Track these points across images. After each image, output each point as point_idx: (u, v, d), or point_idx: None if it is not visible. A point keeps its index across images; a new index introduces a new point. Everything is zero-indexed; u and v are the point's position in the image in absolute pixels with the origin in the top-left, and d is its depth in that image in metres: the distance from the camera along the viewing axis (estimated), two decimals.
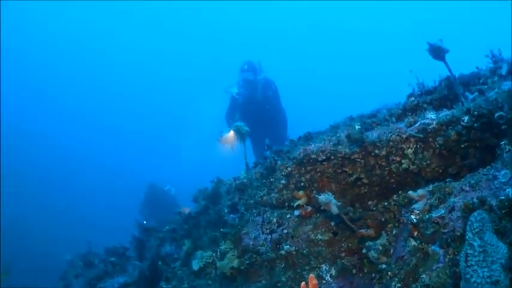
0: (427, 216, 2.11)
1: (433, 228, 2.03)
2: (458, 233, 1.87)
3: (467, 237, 1.74)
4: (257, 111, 7.64)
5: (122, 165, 32.52)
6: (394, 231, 2.56)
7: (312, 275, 1.88)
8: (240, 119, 7.32)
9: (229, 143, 7.02)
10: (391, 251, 2.54)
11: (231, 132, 7.02)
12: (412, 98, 2.79)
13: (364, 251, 2.69)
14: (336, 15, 35.47)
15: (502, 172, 1.86)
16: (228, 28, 34.96)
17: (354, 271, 2.83)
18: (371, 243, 2.67)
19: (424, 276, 1.90)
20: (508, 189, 1.75)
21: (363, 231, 2.74)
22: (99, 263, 5.55)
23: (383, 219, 2.65)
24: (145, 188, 11.85)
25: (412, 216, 2.12)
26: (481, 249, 1.64)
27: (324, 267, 2.98)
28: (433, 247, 2.00)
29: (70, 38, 36.75)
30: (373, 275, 2.67)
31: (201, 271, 3.77)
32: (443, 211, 2.05)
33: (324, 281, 2.96)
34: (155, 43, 37.99)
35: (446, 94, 2.57)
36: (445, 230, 1.95)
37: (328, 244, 2.97)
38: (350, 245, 2.88)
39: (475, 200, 1.86)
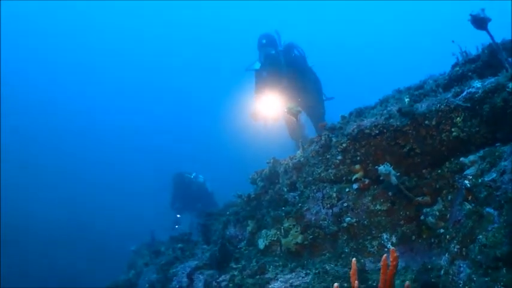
0: (480, 181, 2.38)
1: (486, 191, 2.31)
2: (510, 195, 2.15)
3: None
4: (284, 84, 7.53)
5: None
6: (449, 197, 2.84)
7: (354, 260, 2.18)
8: (270, 92, 7.44)
9: (262, 119, 7.29)
10: (448, 215, 2.83)
11: (263, 108, 7.23)
12: (457, 68, 3.02)
13: (422, 217, 3.01)
14: None
15: None
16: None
17: (413, 237, 3.13)
18: (428, 209, 2.96)
19: (480, 236, 2.18)
20: None
21: (419, 199, 3.04)
22: (166, 250, 6.10)
23: (437, 186, 2.93)
24: (173, 179, 11.88)
25: (466, 181, 2.40)
26: None
27: (384, 235, 3.30)
28: (487, 209, 2.27)
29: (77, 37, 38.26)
30: (432, 240, 2.96)
31: (266, 249, 4.16)
32: (494, 175, 2.32)
33: (386, 249, 3.28)
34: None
35: (489, 61, 2.80)
36: (498, 193, 2.22)
37: (387, 213, 3.28)
38: (408, 213, 3.17)
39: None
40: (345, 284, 2.79)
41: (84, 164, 32.69)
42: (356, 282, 1.98)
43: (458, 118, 2.71)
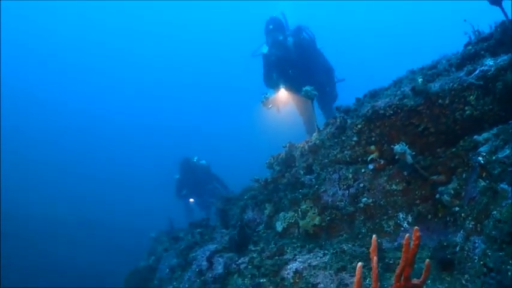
0: (494, 157, 2.43)
1: (500, 167, 2.36)
2: None
3: None
4: (294, 68, 7.52)
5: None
6: (464, 175, 2.89)
7: (374, 236, 2.25)
8: (279, 78, 7.46)
9: (274, 105, 7.23)
10: (463, 193, 2.87)
11: (276, 94, 7.23)
12: (470, 47, 3.03)
13: (437, 196, 3.07)
14: None
15: None
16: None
17: (429, 216, 3.18)
18: (443, 188, 3.02)
19: (495, 212, 2.23)
20: None
21: (434, 177, 3.09)
22: (185, 236, 6.23)
23: (452, 165, 2.97)
24: (180, 165, 11.73)
25: (480, 158, 2.45)
26: None
27: (400, 215, 3.36)
28: (501, 185, 2.32)
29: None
30: (448, 218, 3.00)
31: (285, 232, 4.26)
32: (508, 151, 2.36)
33: (402, 228, 3.36)
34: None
35: (502, 39, 2.82)
36: (511, 169, 2.30)
37: (402, 193, 3.34)
38: (423, 192, 3.22)
39: None
40: (363, 263, 2.86)
41: (89, 161, 33.26)
42: (375, 258, 2.06)
43: (471, 96, 2.75)
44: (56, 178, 29.98)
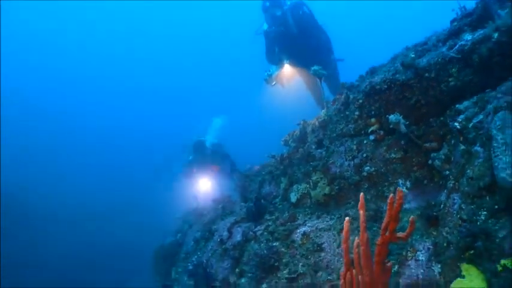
0: (470, 123, 2.76)
1: (474, 132, 2.66)
2: (490, 133, 2.50)
3: (492, 133, 2.42)
4: (296, 43, 7.47)
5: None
6: (453, 141, 3.19)
7: (362, 194, 2.57)
8: (281, 55, 7.51)
9: (278, 82, 7.40)
10: (452, 158, 3.22)
11: (280, 70, 7.33)
12: (455, 23, 3.29)
13: (429, 162, 3.39)
14: None
15: None
16: None
17: (425, 181, 3.49)
18: (435, 154, 3.35)
19: (469, 171, 2.55)
20: None
21: (427, 145, 3.41)
22: (208, 213, 6.67)
23: (441, 133, 3.29)
24: (192, 147, 11.11)
25: (456, 124, 2.75)
26: (503, 141, 2.31)
27: (400, 181, 3.67)
28: (475, 147, 2.63)
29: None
30: (441, 182, 3.34)
31: (298, 202, 4.63)
32: (481, 116, 2.66)
33: (404, 193, 3.71)
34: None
35: (483, 15, 3.08)
36: (482, 132, 2.61)
37: (401, 161, 3.64)
38: (419, 159, 3.52)
39: (503, 103, 2.49)
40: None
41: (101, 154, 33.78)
42: (362, 212, 2.42)
43: (453, 69, 3.04)
44: (75, 171, 30.65)
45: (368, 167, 3.88)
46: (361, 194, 2.45)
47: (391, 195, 2.37)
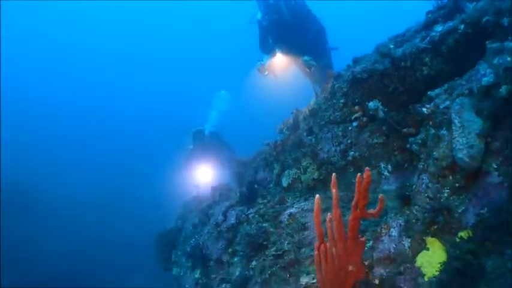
0: (438, 109, 2.97)
1: (441, 116, 2.89)
2: (449, 117, 2.72)
3: (452, 117, 2.64)
4: (289, 32, 7.40)
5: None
6: (428, 126, 3.43)
7: (334, 175, 2.80)
8: (274, 43, 7.46)
9: (270, 71, 7.44)
10: (428, 142, 3.43)
11: (272, 60, 7.36)
12: (430, 15, 3.50)
13: (408, 146, 3.61)
14: None
15: (482, 65, 2.65)
16: None
17: (406, 165, 3.72)
18: (413, 139, 3.57)
19: (435, 153, 2.80)
20: (484, 79, 2.57)
21: (405, 130, 3.63)
22: (206, 200, 6.92)
23: (419, 118, 3.52)
24: (191, 136, 11.10)
25: (424, 109, 2.99)
26: (460, 124, 2.53)
27: (382, 165, 3.89)
28: (442, 131, 2.86)
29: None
30: (419, 165, 3.58)
31: (289, 186, 4.86)
32: (448, 102, 2.89)
33: (383, 176, 3.90)
34: None
35: (455, 6, 3.28)
36: (446, 116, 2.82)
37: (383, 146, 3.86)
38: (400, 144, 3.74)
39: (464, 90, 2.70)
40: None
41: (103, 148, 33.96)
42: (334, 190, 2.66)
43: (426, 58, 3.26)
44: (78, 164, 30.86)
45: (353, 152, 4.11)
46: (333, 174, 2.68)
47: (359, 174, 2.60)
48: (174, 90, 40.23)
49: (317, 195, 2.67)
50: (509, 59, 2.31)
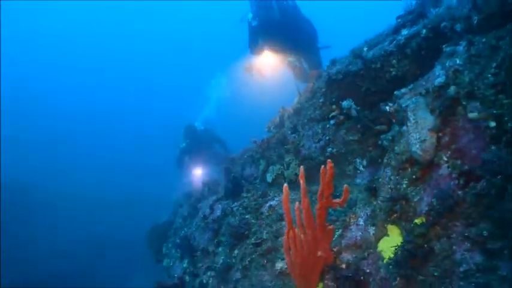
0: (401, 108, 3.23)
1: (402, 114, 3.14)
2: (405, 114, 2.97)
3: (408, 115, 2.89)
4: (279, 31, 7.42)
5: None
6: (395, 124, 3.68)
7: (301, 167, 3.05)
8: (264, 43, 7.47)
9: (257, 71, 7.57)
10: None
11: (259, 59, 7.46)
12: (399, 20, 3.76)
13: (379, 142, 3.86)
14: None
15: (437, 67, 2.90)
16: None
17: (380, 160, 3.98)
18: (384, 135, 3.82)
19: (396, 148, 3.05)
20: (436, 79, 2.82)
21: (377, 127, 3.89)
22: (196, 194, 7.18)
23: (390, 117, 3.77)
24: (184, 132, 11.31)
25: (387, 108, 3.25)
26: (414, 121, 2.78)
27: (357, 160, 4.15)
28: (403, 127, 3.11)
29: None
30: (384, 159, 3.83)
31: (273, 182, 5.11)
32: (409, 101, 3.14)
33: (359, 171, 4.16)
34: None
35: (422, 12, 3.53)
36: (405, 114, 3.08)
37: (358, 142, 4.11)
38: (374, 140, 3.99)
39: (422, 90, 2.95)
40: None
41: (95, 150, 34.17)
42: (302, 181, 2.91)
43: (394, 61, 3.51)
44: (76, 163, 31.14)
45: (330, 148, 4.35)
46: (301, 167, 2.93)
47: (322, 167, 2.85)
48: (176, 88, 40.53)
49: (285, 185, 2.91)
50: (458, 61, 2.56)
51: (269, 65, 7.71)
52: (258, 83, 8.06)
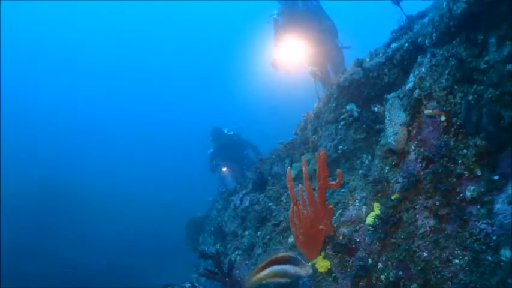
0: (387, 107, 3.96)
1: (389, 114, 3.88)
2: (390, 117, 3.71)
3: (385, 113, 3.62)
4: (302, 26, 7.52)
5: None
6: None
7: (303, 157, 3.81)
8: (289, 40, 7.58)
9: (283, 67, 7.75)
10: None
11: (284, 56, 7.64)
12: (394, 34, 4.46)
13: (379, 139, 4.58)
14: None
15: (411, 75, 3.60)
16: None
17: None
18: (383, 133, 4.54)
19: (381, 141, 3.79)
20: (408, 85, 3.54)
21: (377, 126, 4.60)
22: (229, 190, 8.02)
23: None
24: (211, 135, 11.72)
25: (375, 109, 3.99)
26: (389, 118, 3.52)
27: (364, 156, 4.87)
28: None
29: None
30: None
31: (296, 177, 5.89)
32: (395, 102, 3.88)
33: (364, 164, 4.89)
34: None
35: (408, 27, 4.22)
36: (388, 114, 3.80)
37: (364, 140, 4.84)
38: (377, 138, 4.69)
39: (400, 93, 3.67)
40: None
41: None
42: (304, 168, 3.67)
43: (386, 70, 4.23)
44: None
45: (341, 146, 5.08)
46: (302, 157, 3.71)
47: (316, 153, 3.61)
48: (207, 96, 42.14)
49: (288, 167, 3.68)
50: (423, 70, 3.29)
51: (293, 61, 7.76)
52: (284, 79, 8.29)
